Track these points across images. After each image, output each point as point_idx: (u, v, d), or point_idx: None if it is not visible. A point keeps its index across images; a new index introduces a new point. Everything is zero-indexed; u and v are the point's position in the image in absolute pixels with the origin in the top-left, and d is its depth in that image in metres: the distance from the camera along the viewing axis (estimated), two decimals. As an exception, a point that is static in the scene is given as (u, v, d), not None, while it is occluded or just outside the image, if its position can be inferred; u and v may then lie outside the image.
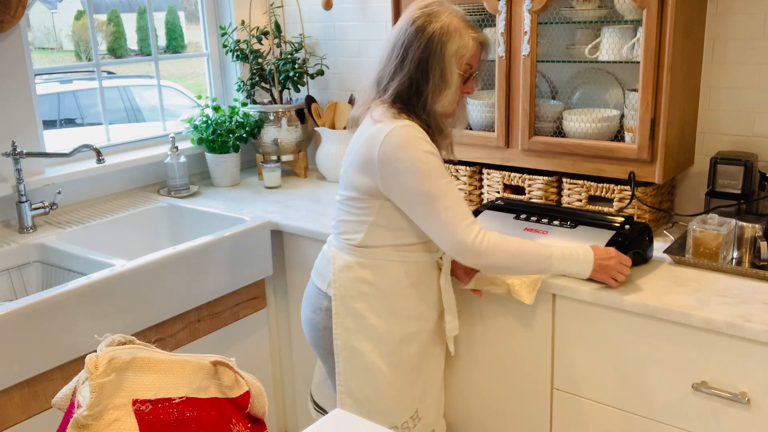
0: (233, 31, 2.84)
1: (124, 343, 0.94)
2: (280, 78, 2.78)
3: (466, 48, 1.62)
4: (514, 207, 1.98)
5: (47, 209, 2.23)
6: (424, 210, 1.60)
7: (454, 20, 1.62)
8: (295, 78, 2.78)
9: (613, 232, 1.78)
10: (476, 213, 1.99)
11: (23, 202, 2.17)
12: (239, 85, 2.88)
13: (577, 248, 1.64)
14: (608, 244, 1.73)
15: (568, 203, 2.08)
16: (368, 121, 1.66)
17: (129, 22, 3.89)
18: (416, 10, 1.64)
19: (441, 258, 1.77)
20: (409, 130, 1.60)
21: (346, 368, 1.75)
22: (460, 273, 1.79)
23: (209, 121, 2.68)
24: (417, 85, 1.63)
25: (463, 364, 1.97)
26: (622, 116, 2.05)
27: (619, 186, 1.98)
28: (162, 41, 3.46)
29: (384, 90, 1.67)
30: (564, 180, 2.08)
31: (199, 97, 2.90)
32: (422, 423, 1.82)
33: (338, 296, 1.72)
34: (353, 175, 1.67)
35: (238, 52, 2.80)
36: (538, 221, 1.88)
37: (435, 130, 1.67)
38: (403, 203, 1.63)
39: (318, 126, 2.75)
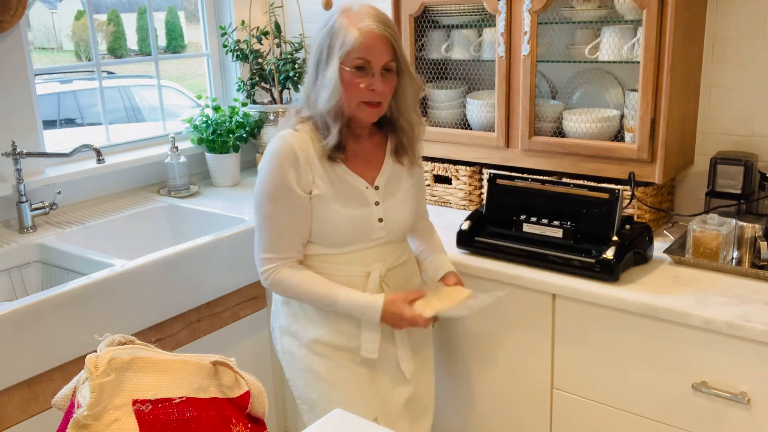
0: (233, 31, 2.84)
1: (124, 343, 0.94)
2: (280, 78, 2.78)
3: (347, 43, 1.55)
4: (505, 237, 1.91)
5: (47, 209, 2.23)
6: (255, 222, 1.67)
7: (348, 16, 1.57)
8: (295, 78, 2.78)
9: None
10: (472, 217, 1.99)
11: (23, 202, 2.17)
12: (239, 85, 2.88)
13: (366, 302, 1.61)
14: (609, 245, 1.73)
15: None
16: None
17: (129, 22, 3.90)
18: (328, 13, 1.64)
19: (372, 273, 1.68)
20: (276, 143, 1.62)
21: (289, 372, 1.77)
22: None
23: (209, 121, 2.68)
24: (310, 87, 1.63)
25: (463, 364, 1.97)
26: (622, 116, 2.05)
27: (619, 186, 1.98)
28: (162, 41, 3.46)
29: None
30: (564, 180, 2.08)
31: (199, 97, 2.90)
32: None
33: (276, 300, 1.78)
34: None
35: (238, 52, 2.80)
36: (538, 222, 1.87)
37: (324, 129, 1.62)
38: None
39: (318, 126, 2.75)
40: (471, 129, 2.25)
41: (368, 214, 1.66)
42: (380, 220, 1.67)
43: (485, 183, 2.23)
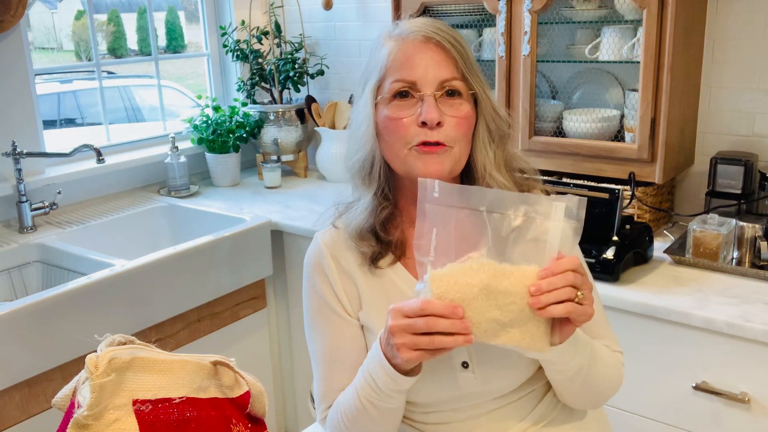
0: (233, 31, 2.84)
1: (124, 343, 0.94)
2: (280, 78, 2.78)
3: (379, 62, 1.09)
4: None
5: (47, 209, 2.23)
6: None
7: (388, 30, 1.14)
8: (295, 78, 2.78)
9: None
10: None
11: (23, 202, 2.17)
12: (239, 85, 2.88)
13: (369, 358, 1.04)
14: (609, 245, 1.73)
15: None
16: None
17: (129, 22, 3.89)
18: None
19: None
20: (309, 249, 1.17)
21: None
22: None
23: (209, 121, 2.68)
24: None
25: (463, 364, 1.97)
26: (622, 116, 2.05)
27: (619, 186, 1.98)
28: (162, 41, 3.46)
29: None
30: (564, 180, 2.08)
31: (199, 97, 2.90)
32: None
33: None
34: None
35: (238, 52, 2.80)
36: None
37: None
38: None
39: (318, 126, 2.75)
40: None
41: (443, 359, 1.02)
42: (464, 365, 1.04)
43: (485, 183, 2.24)
